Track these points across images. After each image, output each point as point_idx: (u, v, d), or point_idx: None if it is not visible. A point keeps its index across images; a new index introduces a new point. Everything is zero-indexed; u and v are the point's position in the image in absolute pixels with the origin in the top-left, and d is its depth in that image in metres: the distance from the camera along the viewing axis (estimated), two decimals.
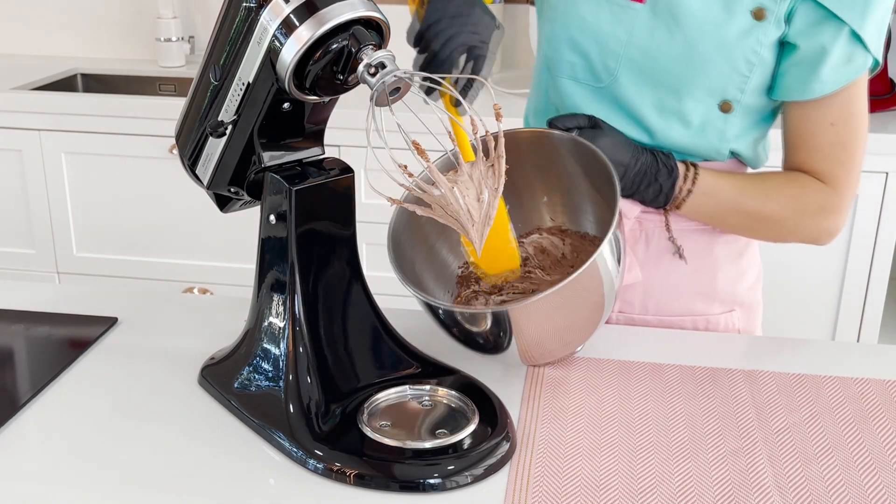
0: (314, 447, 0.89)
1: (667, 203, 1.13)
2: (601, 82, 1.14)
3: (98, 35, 2.85)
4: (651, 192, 1.12)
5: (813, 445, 0.93)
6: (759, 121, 1.16)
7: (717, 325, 1.23)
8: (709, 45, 1.08)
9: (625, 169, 1.10)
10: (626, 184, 1.11)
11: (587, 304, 0.98)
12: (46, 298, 1.22)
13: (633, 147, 1.11)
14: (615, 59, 1.12)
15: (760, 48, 1.08)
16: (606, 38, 1.12)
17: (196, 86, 0.97)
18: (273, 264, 0.96)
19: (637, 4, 1.10)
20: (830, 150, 1.12)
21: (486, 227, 0.90)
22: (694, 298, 1.22)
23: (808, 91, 1.09)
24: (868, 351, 1.17)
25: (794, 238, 1.18)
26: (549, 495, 0.85)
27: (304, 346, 0.94)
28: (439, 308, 0.98)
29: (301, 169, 0.96)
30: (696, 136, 1.13)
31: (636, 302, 1.22)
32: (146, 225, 2.43)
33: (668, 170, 1.12)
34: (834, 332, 2.30)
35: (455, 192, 0.88)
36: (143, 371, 1.05)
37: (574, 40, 1.14)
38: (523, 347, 0.98)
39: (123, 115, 2.32)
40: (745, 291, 1.25)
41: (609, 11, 1.11)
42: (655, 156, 1.12)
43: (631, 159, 1.10)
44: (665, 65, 1.10)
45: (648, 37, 1.10)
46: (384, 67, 0.84)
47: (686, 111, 1.12)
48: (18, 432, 0.94)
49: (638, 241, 1.19)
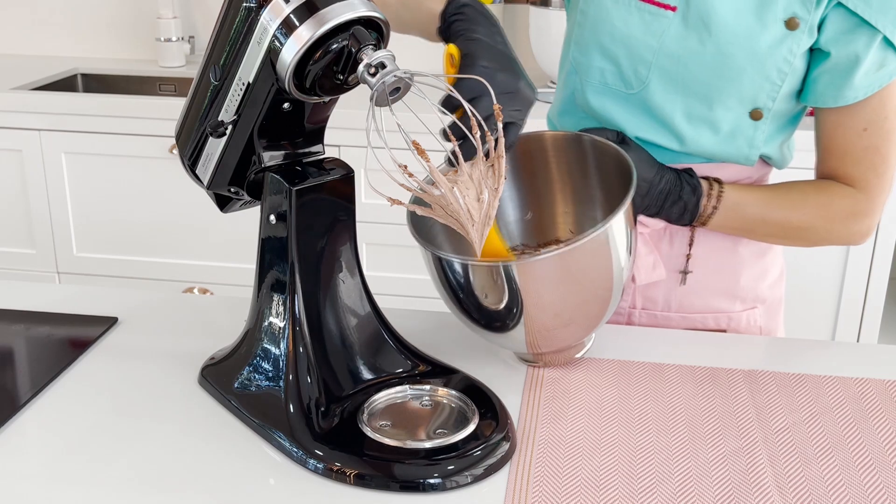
0: (314, 447, 0.89)
1: (692, 220, 1.14)
2: (631, 89, 1.14)
3: (98, 35, 2.85)
4: (676, 210, 1.13)
5: (813, 445, 0.93)
6: (786, 124, 1.17)
7: (738, 322, 1.24)
8: (741, 55, 1.07)
9: (648, 186, 1.10)
10: (650, 201, 1.11)
11: (594, 283, 0.97)
12: (46, 298, 1.22)
13: (657, 165, 1.12)
14: (646, 67, 1.12)
15: (793, 58, 1.08)
16: (637, 46, 1.11)
17: (196, 86, 0.97)
18: (273, 264, 0.96)
19: (669, 12, 1.09)
20: (863, 154, 1.12)
21: (486, 227, 0.90)
22: (717, 296, 1.22)
23: (842, 98, 1.09)
24: (868, 351, 1.17)
25: (826, 243, 1.19)
26: (549, 495, 0.85)
27: (304, 346, 0.94)
28: (453, 263, 0.96)
29: (301, 169, 0.96)
30: (725, 143, 1.14)
31: (659, 299, 1.22)
32: (146, 225, 2.43)
33: (692, 188, 1.12)
34: (834, 332, 2.30)
35: (455, 192, 0.88)
36: (143, 371, 1.05)
37: (604, 46, 1.14)
38: (529, 326, 0.97)
39: (123, 115, 2.32)
40: (767, 289, 1.26)
41: (640, 19, 1.11)
42: (679, 174, 1.13)
43: (655, 176, 1.11)
44: (696, 73, 1.10)
45: (680, 45, 1.10)
46: (384, 67, 0.84)
47: (716, 119, 1.12)
48: (18, 432, 0.94)
49: (662, 240, 1.19)
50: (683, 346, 1.13)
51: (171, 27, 2.70)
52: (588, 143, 1.10)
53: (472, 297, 0.98)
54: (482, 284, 0.96)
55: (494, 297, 0.96)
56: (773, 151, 1.17)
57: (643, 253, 1.17)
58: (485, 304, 0.98)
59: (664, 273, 1.18)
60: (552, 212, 1.16)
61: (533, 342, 1.00)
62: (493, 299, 0.97)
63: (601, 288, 0.98)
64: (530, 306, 0.95)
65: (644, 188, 1.10)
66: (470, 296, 0.98)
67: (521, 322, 0.97)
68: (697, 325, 1.23)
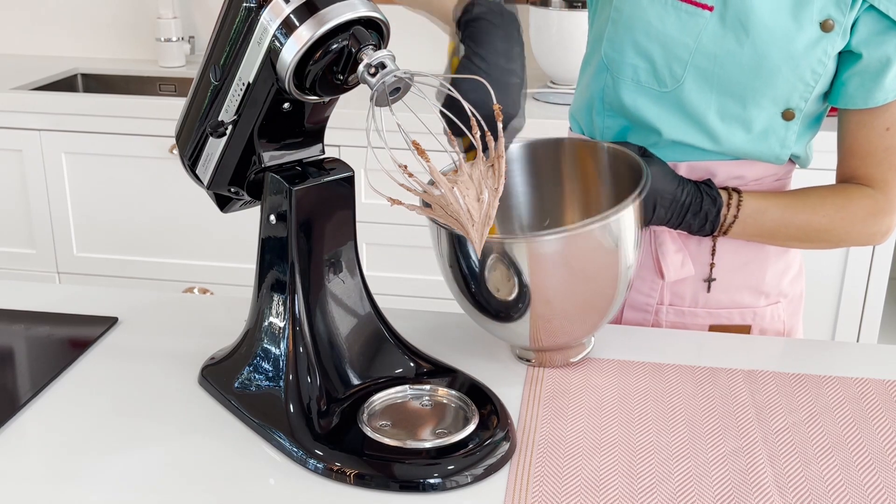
0: (314, 447, 0.89)
1: (714, 231, 1.14)
2: (665, 87, 1.14)
3: (98, 35, 2.85)
4: (697, 221, 1.13)
5: (813, 445, 0.93)
6: (812, 123, 1.18)
7: (763, 317, 1.24)
8: (777, 56, 1.08)
9: (671, 198, 1.11)
10: (672, 213, 1.12)
11: (599, 274, 0.97)
12: (46, 298, 1.22)
13: (678, 178, 1.12)
14: (681, 65, 1.12)
15: (827, 59, 1.09)
16: (673, 44, 1.12)
17: (196, 86, 0.97)
18: (273, 264, 0.96)
19: (706, 12, 1.10)
20: (884, 154, 1.13)
21: (486, 227, 0.90)
22: (742, 291, 1.23)
23: (872, 100, 1.10)
24: (868, 351, 1.17)
25: (847, 244, 1.20)
26: (549, 495, 0.85)
27: (304, 346, 0.94)
28: (464, 241, 0.96)
29: (301, 169, 0.96)
30: (757, 142, 1.14)
31: (687, 295, 1.23)
32: (146, 225, 2.43)
33: (712, 199, 1.13)
34: (834, 332, 2.30)
35: (455, 192, 0.88)
36: (143, 371, 1.05)
37: (639, 44, 1.14)
38: (534, 314, 0.97)
39: (123, 115, 2.32)
40: (789, 283, 1.27)
41: (676, 17, 1.11)
42: (698, 186, 1.13)
43: (677, 189, 1.11)
44: (732, 73, 1.10)
45: (717, 44, 1.10)
46: (384, 67, 0.84)
47: (750, 118, 1.12)
48: (18, 432, 0.94)
49: (690, 238, 1.20)
50: (683, 346, 1.13)
51: (171, 27, 2.70)
52: (606, 152, 1.11)
53: (482, 284, 0.98)
54: (491, 265, 0.96)
55: (502, 280, 0.96)
56: (801, 151, 1.18)
57: (672, 250, 1.18)
58: (491, 290, 0.98)
59: (692, 269, 1.19)
60: (570, 219, 1.16)
61: (535, 334, 1.01)
62: (500, 283, 0.97)
63: (606, 279, 0.98)
64: (536, 291, 0.96)
65: (667, 200, 1.11)
66: (480, 282, 0.98)
67: (526, 312, 0.97)
68: (723, 321, 1.23)
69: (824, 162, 1.23)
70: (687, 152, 1.16)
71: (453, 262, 1.00)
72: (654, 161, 1.12)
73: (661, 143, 1.16)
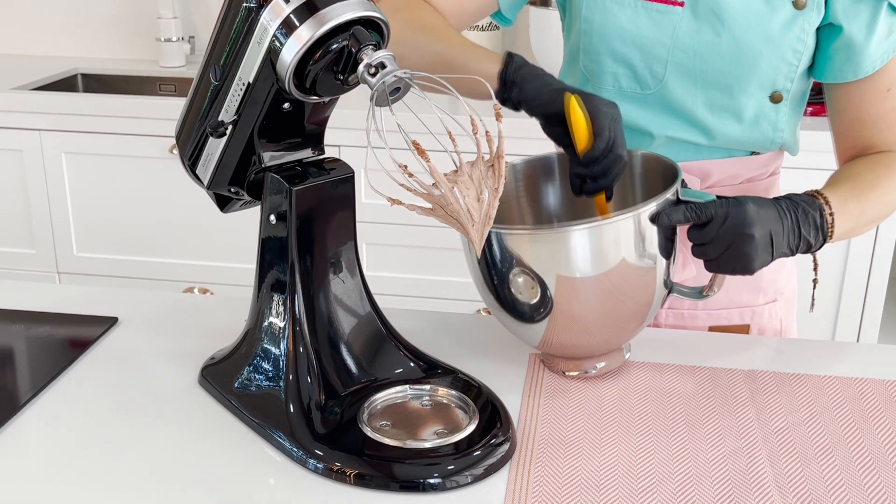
0: (314, 447, 0.89)
1: (825, 237, 1.04)
2: (648, 89, 1.14)
3: (98, 35, 2.85)
4: (812, 229, 1.03)
5: (813, 445, 0.93)
6: (798, 104, 1.18)
7: (761, 315, 1.25)
8: (756, 40, 1.09)
9: (780, 222, 1.00)
10: (787, 232, 1.01)
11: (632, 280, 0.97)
12: (46, 298, 1.22)
13: (769, 201, 1.01)
14: (662, 65, 1.12)
15: (806, 36, 1.09)
16: (650, 45, 1.12)
17: (196, 86, 0.97)
18: (273, 264, 0.96)
19: (677, 8, 1.10)
20: (892, 115, 1.13)
21: (486, 227, 0.90)
22: (741, 290, 1.23)
23: (861, 70, 1.10)
24: (868, 351, 1.17)
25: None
26: (549, 495, 0.85)
27: (304, 346, 0.94)
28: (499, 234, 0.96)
29: (301, 169, 0.96)
30: (750, 129, 1.15)
31: (686, 298, 1.22)
32: (146, 225, 2.43)
33: (806, 202, 1.03)
34: (834, 332, 2.30)
35: (455, 192, 0.88)
36: (143, 371, 1.05)
37: (615, 51, 1.13)
38: (557, 307, 0.96)
39: (123, 115, 2.32)
40: (784, 281, 1.27)
41: (648, 18, 1.11)
42: (785, 197, 1.03)
43: (774, 211, 1.00)
44: (714, 64, 1.10)
45: (693, 38, 1.10)
46: (384, 67, 0.84)
47: (739, 106, 1.13)
48: (19, 432, 0.94)
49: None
50: (683, 346, 1.13)
51: (171, 27, 2.70)
52: (636, 159, 1.10)
53: (502, 279, 0.98)
54: (515, 256, 0.96)
55: (524, 274, 0.96)
56: (789, 136, 1.18)
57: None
58: (515, 289, 0.98)
59: (694, 270, 1.18)
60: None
61: (549, 338, 1.00)
62: (522, 277, 0.96)
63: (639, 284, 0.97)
64: (559, 290, 0.95)
65: (776, 227, 1.00)
66: (500, 278, 0.98)
67: (547, 315, 0.97)
68: (723, 322, 1.24)
69: (824, 162, 1.22)
70: (681, 151, 1.15)
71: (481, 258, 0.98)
72: (754, 199, 1.00)
73: (655, 145, 1.16)
